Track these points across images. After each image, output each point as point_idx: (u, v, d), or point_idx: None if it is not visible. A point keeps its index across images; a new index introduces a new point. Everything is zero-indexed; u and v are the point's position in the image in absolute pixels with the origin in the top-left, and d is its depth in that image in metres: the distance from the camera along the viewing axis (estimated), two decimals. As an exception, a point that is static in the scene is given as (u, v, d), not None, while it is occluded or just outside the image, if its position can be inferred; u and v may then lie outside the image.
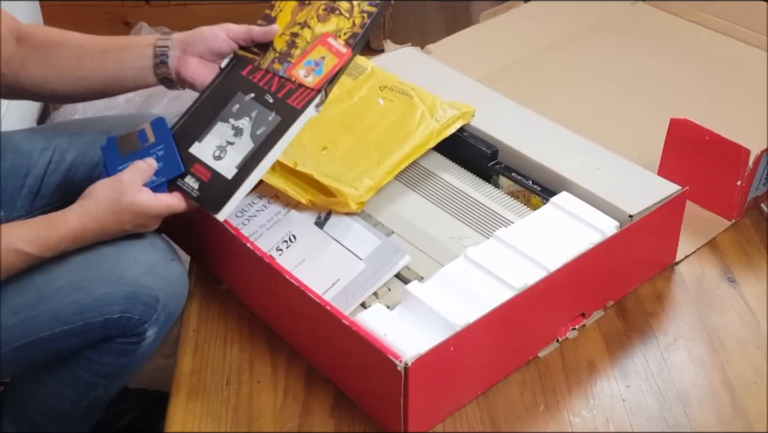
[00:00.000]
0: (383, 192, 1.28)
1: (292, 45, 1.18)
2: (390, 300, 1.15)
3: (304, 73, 1.15)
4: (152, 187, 1.14)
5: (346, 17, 1.17)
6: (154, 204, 1.13)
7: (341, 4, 1.19)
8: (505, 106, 1.44)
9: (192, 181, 1.15)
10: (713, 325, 1.25)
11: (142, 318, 1.17)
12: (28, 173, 1.31)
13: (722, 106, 1.63)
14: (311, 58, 1.16)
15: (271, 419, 1.12)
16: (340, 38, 1.17)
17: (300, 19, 1.20)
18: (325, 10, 1.19)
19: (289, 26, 1.20)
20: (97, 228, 1.12)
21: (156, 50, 1.21)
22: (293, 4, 1.22)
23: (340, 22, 1.18)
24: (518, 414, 1.12)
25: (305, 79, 1.15)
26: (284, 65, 1.17)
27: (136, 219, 1.13)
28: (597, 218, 1.21)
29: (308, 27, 1.19)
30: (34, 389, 1.27)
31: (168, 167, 1.15)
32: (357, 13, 1.17)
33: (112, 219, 1.12)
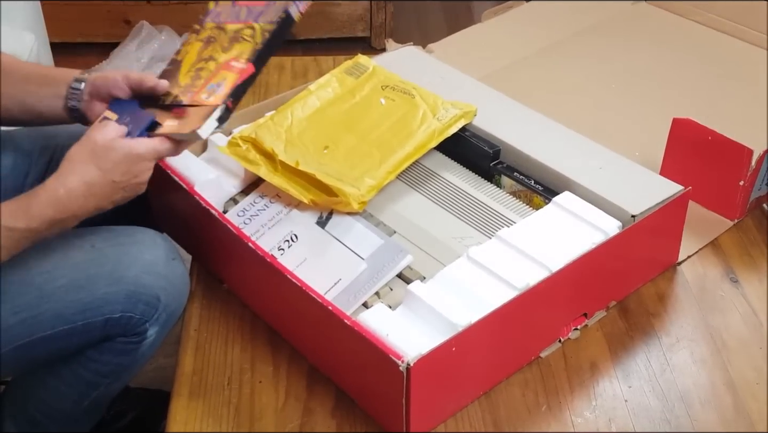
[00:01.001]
0: (385, 192, 1.27)
1: (196, 77, 1.16)
2: (392, 300, 1.15)
3: (206, 96, 1.13)
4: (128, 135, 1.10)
5: (249, 41, 1.16)
6: (135, 146, 1.07)
7: (245, 32, 1.18)
8: (507, 106, 1.43)
9: (170, 121, 1.12)
10: (716, 325, 1.25)
11: (143, 317, 1.17)
12: (29, 172, 1.31)
13: (725, 106, 1.63)
14: (214, 82, 1.14)
15: (272, 419, 1.12)
16: (242, 59, 1.15)
17: (205, 55, 1.19)
18: (229, 42, 1.18)
19: (194, 64, 1.19)
20: (82, 185, 1.05)
21: (68, 95, 1.19)
22: (199, 45, 1.20)
23: (242, 46, 1.16)
24: (520, 415, 1.12)
25: (207, 100, 1.12)
26: (188, 95, 1.15)
27: (120, 166, 1.06)
28: (599, 217, 1.21)
29: (213, 59, 1.17)
30: (35, 389, 1.27)
31: (138, 121, 1.12)
32: (259, 36, 1.16)
33: (94, 173, 1.06)
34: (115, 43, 2.56)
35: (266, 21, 1.17)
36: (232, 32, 1.18)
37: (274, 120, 1.35)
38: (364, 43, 2.75)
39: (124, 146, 1.07)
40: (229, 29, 1.19)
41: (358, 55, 1.48)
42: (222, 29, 1.20)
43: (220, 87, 1.13)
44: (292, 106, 1.37)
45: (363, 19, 2.72)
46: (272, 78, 1.73)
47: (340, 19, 2.72)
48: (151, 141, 1.09)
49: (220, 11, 1.24)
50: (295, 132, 1.33)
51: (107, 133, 1.08)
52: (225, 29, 1.20)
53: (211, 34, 1.21)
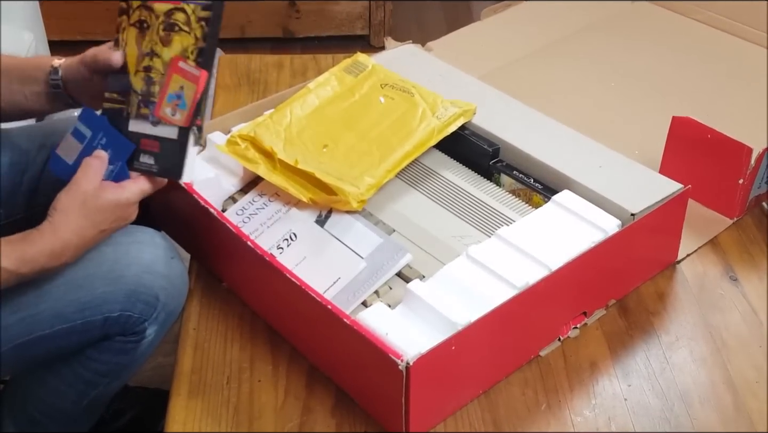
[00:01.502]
0: (384, 190, 1.27)
1: (149, 82, 1.13)
2: (391, 299, 1.15)
3: (171, 111, 1.11)
4: (114, 175, 1.12)
5: (187, 32, 1.11)
6: (122, 194, 1.10)
7: (177, 16, 1.13)
8: (506, 104, 1.43)
9: (147, 158, 1.12)
10: (715, 324, 1.25)
11: (142, 316, 1.17)
12: (27, 170, 1.31)
13: (724, 105, 1.63)
14: (171, 92, 1.11)
15: (271, 418, 1.12)
16: (190, 59, 1.11)
17: (146, 48, 1.15)
18: (165, 31, 1.13)
19: (139, 60, 1.15)
20: (76, 238, 1.09)
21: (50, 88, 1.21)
22: (134, 33, 1.16)
23: (183, 39, 1.12)
24: (520, 414, 1.12)
25: (173, 118, 1.11)
26: (150, 107, 1.13)
27: (109, 216, 1.10)
28: (599, 216, 1.21)
29: (156, 55, 1.14)
30: (35, 388, 1.27)
31: (118, 150, 1.13)
32: (195, 23, 1.11)
33: (86, 225, 1.09)
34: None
35: (196, 1, 1.11)
36: (163, 15, 1.13)
37: (273, 118, 1.34)
38: (363, 42, 2.75)
39: (111, 197, 1.10)
40: (158, 10, 1.14)
41: (358, 54, 1.48)
42: (150, 9, 1.14)
43: (180, 100, 1.10)
44: (291, 104, 1.37)
45: (362, 17, 2.72)
46: (271, 76, 1.73)
47: (339, 17, 2.72)
48: (137, 184, 1.11)
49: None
50: (294, 130, 1.33)
51: (94, 179, 1.10)
52: (153, 10, 1.14)
53: (141, 15, 1.15)
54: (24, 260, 1.07)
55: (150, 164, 1.12)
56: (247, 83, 1.70)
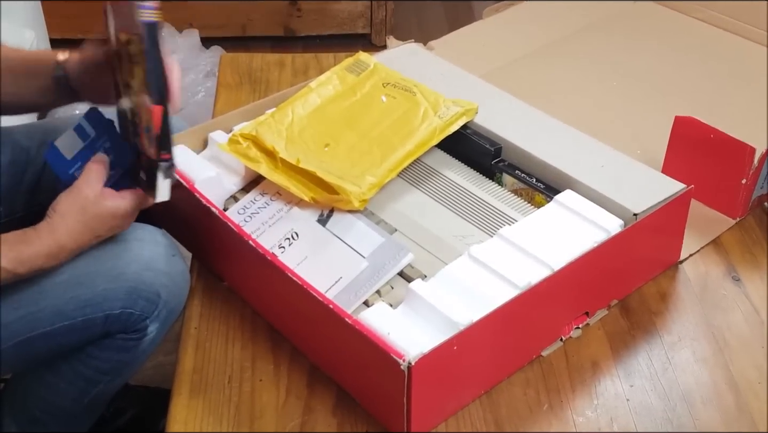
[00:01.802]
0: (386, 190, 1.27)
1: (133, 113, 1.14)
2: (393, 299, 1.15)
3: (147, 143, 1.11)
4: (113, 182, 1.12)
5: (139, 63, 1.08)
6: (122, 204, 1.12)
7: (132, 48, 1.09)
8: (508, 104, 1.43)
9: (141, 174, 1.13)
10: (718, 324, 1.24)
11: (144, 314, 1.17)
12: (27, 169, 1.31)
13: (727, 104, 1.63)
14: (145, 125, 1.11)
15: (273, 417, 1.11)
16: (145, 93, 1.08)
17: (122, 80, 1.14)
18: (129, 62, 1.11)
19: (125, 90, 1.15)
20: (71, 242, 1.10)
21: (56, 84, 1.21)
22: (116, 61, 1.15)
23: (139, 72, 1.09)
24: (522, 414, 1.12)
25: (149, 151, 1.10)
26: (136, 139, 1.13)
27: (106, 224, 1.12)
28: (601, 216, 1.21)
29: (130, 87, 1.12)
30: (35, 386, 1.27)
31: (119, 157, 1.13)
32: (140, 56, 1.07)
33: (82, 230, 1.10)
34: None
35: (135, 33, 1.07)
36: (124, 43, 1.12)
37: (274, 117, 1.34)
38: (364, 40, 2.74)
39: (110, 205, 1.11)
40: (122, 40, 1.12)
41: (359, 53, 1.47)
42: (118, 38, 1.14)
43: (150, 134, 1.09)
44: (293, 103, 1.37)
45: (363, 16, 2.72)
46: (273, 75, 1.73)
47: (341, 16, 2.71)
48: (135, 197, 1.13)
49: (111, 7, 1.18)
50: (296, 130, 1.32)
51: (95, 185, 1.11)
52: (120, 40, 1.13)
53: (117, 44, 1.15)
54: (21, 260, 1.08)
55: (142, 180, 1.13)
56: (249, 82, 1.70)
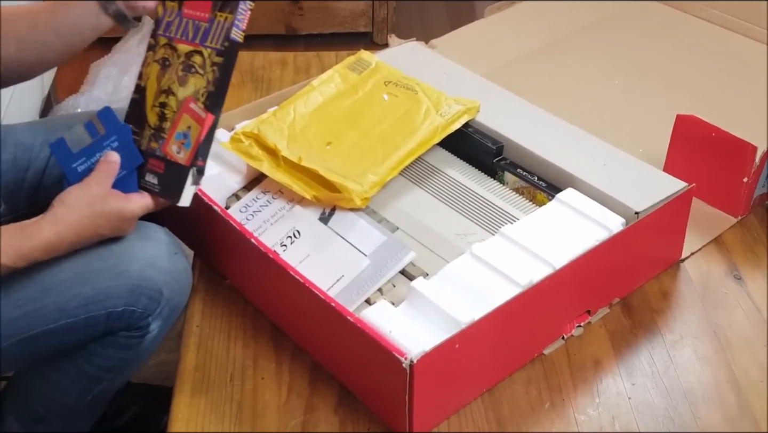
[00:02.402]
0: (388, 188, 1.27)
1: (162, 118, 1.16)
2: (395, 297, 1.15)
3: (176, 148, 1.13)
4: (120, 182, 1.13)
5: (201, 74, 1.15)
6: (128, 206, 1.12)
7: (195, 59, 1.17)
8: (510, 102, 1.43)
9: (151, 178, 1.14)
10: (719, 323, 1.25)
11: (146, 312, 1.16)
12: (30, 167, 1.31)
13: (729, 103, 1.63)
14: (179, 130, 1.14)
15: (275, 415, 1.11)
16: (200, 101, 1.14)
17: (164, 85, 1.18)
18: (183, 71, 1.17)
19: (156, 95, 1.18)
20: (72, 236, 1.10)
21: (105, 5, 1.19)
22: (156, 69, 1.19)
23: (197, 81, 1.15)
24: (523, 412, 1.12)
25: (177, 156, 1.13)
26: (159, 142, 1.15)
27: (110, 223, 1.12)
28: (603, 214, 1.21)
29: (172, 93, 1.17)
30: (38, 384, 1.27)
31: (127, 158, 1.14)
32: (209, 68, 1.14)
33: (87, 225, 1.11)
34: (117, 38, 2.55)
35: (212, 47, 1.15)
36: (183, 56, 1.17)
37: (276, 116, 1.34)
38: (366, 39, 2.74)
39: (117, 205, 1.12)
40: (180, 51, 1.18)
41: (361, 51, 1.47)
42: (174, 49, 1.18)
43: (186, 139, 1.13)
44: (295, 101, 1.37)
45: (365, 14, 2.72)
46: (275, 73, 1.73)
47: (343, 14, 2.71)
48: (143, 200, 1.13)
49: (170, 21, 1.21)
50: (298, 128, 1.32)
51: (105, 183, 1.12)
52: (177, 50, 1.18)
53: (165, 54, 1.19)
54: (21, 255, 1.08)
55: (153, 183, 1.14)
56: (251, 80, 1.70)
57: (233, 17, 1.14)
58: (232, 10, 1.14)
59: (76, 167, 1.16)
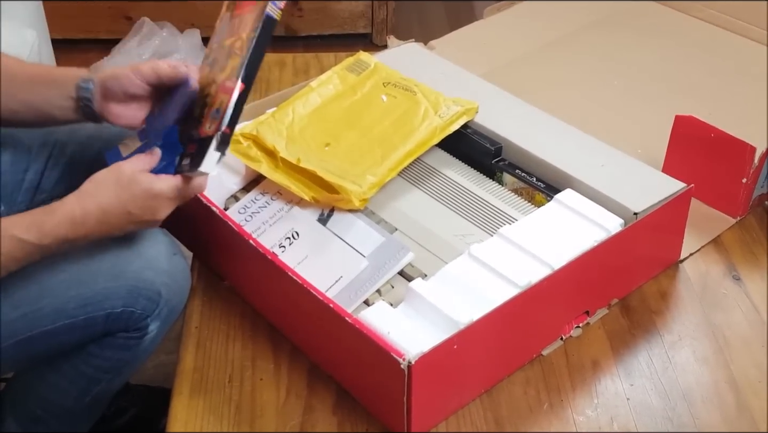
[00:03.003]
0: (386, 189, 1.27)
1: (203, 106, 1.14)
2: (393, 298, 1.15)
3: (209, 125, 1.11)
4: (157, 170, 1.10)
5: (238, 54, 1.13)
6: (156, 183, 1.07)
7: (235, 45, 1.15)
8: (509, 103, 1.43)
9: (185, 161, 1.11)
10: (718, 323, 1.25)
11: (145, 312, 1.17)
12: (28, 168, 1.31)
13: (727, 103, 1.63)
14: (215, 108, 1.12)
15: (273, 416, 1.11)
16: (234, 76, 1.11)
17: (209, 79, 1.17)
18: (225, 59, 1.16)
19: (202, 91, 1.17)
20: (98, 210, 1.06)
21: (79, 97, 1.18)
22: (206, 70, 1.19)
23: (234, 62, 1.13)
24: (522, 413, 1.12)
25: (209, 130, 1.10)
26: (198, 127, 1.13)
27: (138, 201, 1.07)
28: (601, 215, 1.21)
29: (214, 82, 1.15)
30: (37, 385, 1.27)
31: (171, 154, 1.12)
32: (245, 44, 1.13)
33: (113, 200, 1.06)
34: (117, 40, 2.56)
35: (251, 29, 1.14)
36: (227, 47, 1.17)
37: (275, 117, 1.34)
38: (365, 40, 2.74)
39: (145, 181, 1.07)
40: (226, 45, 1.17)
41: (360, 52, 1.47)
42: (222, 47, 1.18)
43: (218, 113, 1.11)
44: (294, 103, 1.37)
45: (364, 15, 2.72)
46: (273, 75, 1.73)
47: (342, 15, 2.71)
48: (173, 179, 1.08)
49: (223, 26, 1.22)
50: (297, 129, 1.32)
51: (135, 164, 1.09)
52: (223, 46, 1.18)
53: (215, 55, 1.19)
54: (43, 231, 1.04)
55: (186, 165, 1.11)
56: (250, 81, 1.70)
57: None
58: None
59: None
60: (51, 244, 1.06)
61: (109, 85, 1.17)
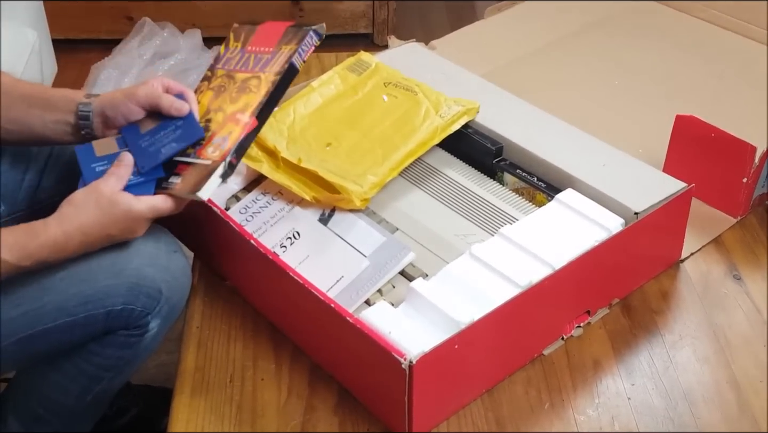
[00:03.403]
0: (387, 189, 1.27)
1: (204, 129, 1.16)
2: (394, 297, 1.15)
3: (212, 150, 1.13)
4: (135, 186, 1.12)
5: (254, 92, 1.17)
6: (136, 206, 1.10)
7: (251, 82, 1.19)
8: (510, 103, 1.43)
9: (174, 178, 1.13)
10: (719, 323, 1.25)
11: (145, 310, 1.17)
12: (28, 168, 1.31)
13: (728, 103, 1.63)
14: (219, 136, 1.15)
15: (274, 416, 1.12)
16: (247, 111, 1.16)
17: (215, 106, 1.19)
18: (237, 92, 1.19)
19: (204, 114, 1.19)
20: (80, 234, 1.09)
21: (79, 124, 1.20)
22: (210, 95, 1.21)
23: (248, 98, 1.17)
24: (523, 413, 1.12)
25: (212, 155, 1.13)
26: (196, 148, 1.15)
27: (118, 223, 1.11)
28: (602, 215, 1.21)
29: (221, 110, 1.18)
30: (38, 384, 1.27)
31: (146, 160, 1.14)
32: (264, 85, 1.17)
33: (93, 224, 1.09)
34: (118, 40, 2.56)
35: (272, 72, 1.19)
36: (240, 81, 1.20)
37: (276, 117, 1.34)
38: (366, 40, 2.74)
39: (125, 204, 1.10)
40: (238, 78, 1.21)
41: (361, 52, 1.47)
42: (232, 78, 1.21)
43: (225, 141, 1.13)
44: (295, 103, 1.37)
45: (365, 15, 2.72)
46: (274, 75, 1.73)
47: (343, 15, 2.71)
48: (152, 200, 1.12)
49: (230, 57, 1.25)
50: (298, 129, 1.33)
51: (113, 185, 1.11)
52: (234, 78, 1.21)
53: (222, 82, 1.22)
54: (25, 253, 1.08)
55: (173, 183, 1.13)
56: (251, 81, 1.70)
57: (297, 47, 1.18)
58: (299, 41, 1.19)
59: (95, 167, 1.15)
60: (31, 265, 1.09)
61: (108, 114, 1.19)
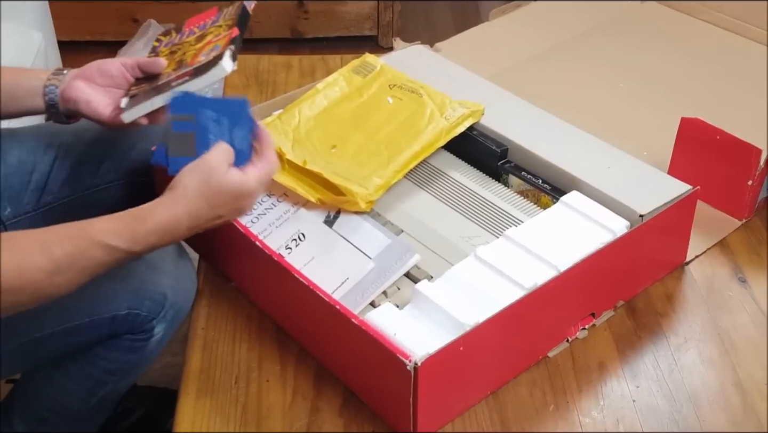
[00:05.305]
0: (393, 191, 1.27)
1: (181, 63, 1.16)
2: (399, 299, 1.15)
3: (205, 57, 1.13)
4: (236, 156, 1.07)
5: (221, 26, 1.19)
6: (247, 183, 1.05)
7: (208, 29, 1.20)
8: (515, 105, 1.43)
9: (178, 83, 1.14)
10: (724, 325, 1.24)
11: (150, 315, 1.17)
12: (35, 169, 1.31)
13: (733, 106, 1.62)
14: (205, 51, 1.15)
15: (279, 418, 1.12)
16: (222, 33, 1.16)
17: (177, 57, 1.19)
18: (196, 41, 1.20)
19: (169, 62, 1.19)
20: (189, 216, 1.03)
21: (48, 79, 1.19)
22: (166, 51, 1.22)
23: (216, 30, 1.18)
24: (528, 414, 1.12)
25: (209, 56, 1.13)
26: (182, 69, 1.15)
27: (228, 202, 1.05)
28: (607, 217, 1.21)
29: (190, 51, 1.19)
30: (44, 387, 1.27)
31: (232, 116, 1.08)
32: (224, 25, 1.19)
33: (202, 205, 1.03)
34: (123, 42, 2.57)
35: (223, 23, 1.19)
36: (194, 39, 1.19)
37: (281, 119, 1.35)
38: (371, 42, 2.75)
39: (235, 183, 1.04)
40: (191, 39, 1.21)
41: (366, 54, 1.48)
42: (180, 44, 1.21)
43: (216, 47, 1.14)
44: (300, 105, 1.37)
45: (370, 17, 2.72)
46: (279, 77, 1.73)
47: (348, 17, 2.72)
48: (257, 171, 1.06)
49: (171, 39, 1.25)
50: (303, 131, 1.33)
51: (221, 162, 1.05)
52: (183, 42, 1.21)
53: (173, 49, 1.21)
54: (135, 238, 1.02)
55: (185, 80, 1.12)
56: (256, 84, 1.70)
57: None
58: None
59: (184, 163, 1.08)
60: (141, 250, 1.03)
61: (84, 69, 1.18)
